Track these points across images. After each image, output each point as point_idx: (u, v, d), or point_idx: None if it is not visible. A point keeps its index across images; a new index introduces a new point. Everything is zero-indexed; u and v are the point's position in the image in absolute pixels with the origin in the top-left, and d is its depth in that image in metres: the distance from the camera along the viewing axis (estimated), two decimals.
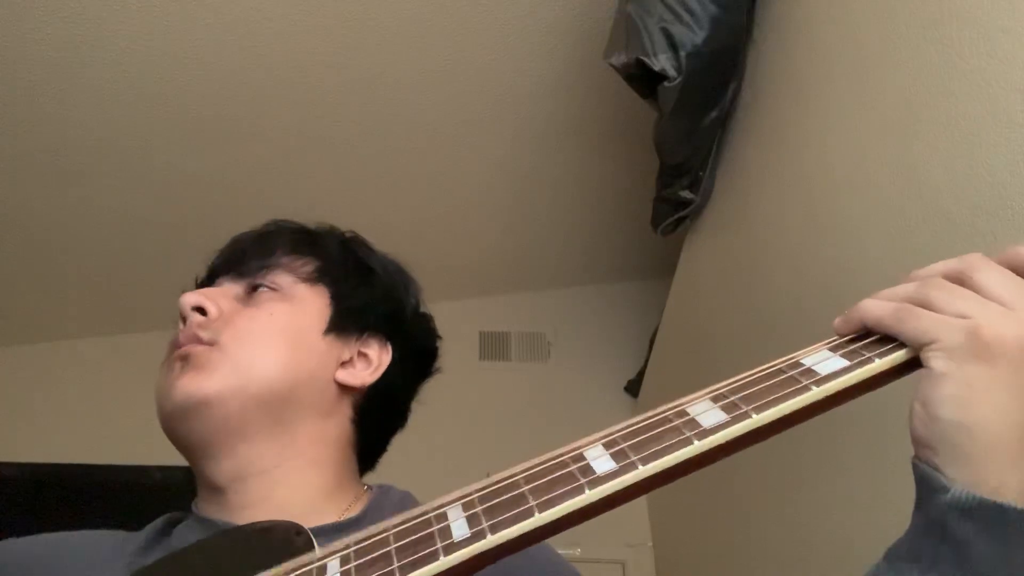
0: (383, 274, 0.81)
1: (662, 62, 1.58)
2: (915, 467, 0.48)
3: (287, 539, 0.54)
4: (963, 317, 0.47)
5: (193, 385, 0.67)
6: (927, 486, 0.46)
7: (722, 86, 1.69)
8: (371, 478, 0.80)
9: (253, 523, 0.59)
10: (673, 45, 1.57)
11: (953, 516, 0.44)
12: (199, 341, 0.69)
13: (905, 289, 0.51)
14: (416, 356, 0.82)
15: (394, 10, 1.91)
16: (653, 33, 1.57)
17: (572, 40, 2.02)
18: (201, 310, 0.71)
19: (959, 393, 0.45)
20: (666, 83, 1.60)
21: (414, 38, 1.99)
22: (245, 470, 0.68)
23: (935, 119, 0.98)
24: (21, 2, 1.79)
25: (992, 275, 0.49)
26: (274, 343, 0.71)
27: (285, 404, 0.70)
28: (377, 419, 0.79)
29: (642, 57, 1.58)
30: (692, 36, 1.57)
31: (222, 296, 0.73)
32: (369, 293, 0.79)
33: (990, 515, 0.44)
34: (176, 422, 0.68)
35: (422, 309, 0.84)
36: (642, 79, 1.65)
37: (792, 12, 1.48)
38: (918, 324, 0.48)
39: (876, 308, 0.50)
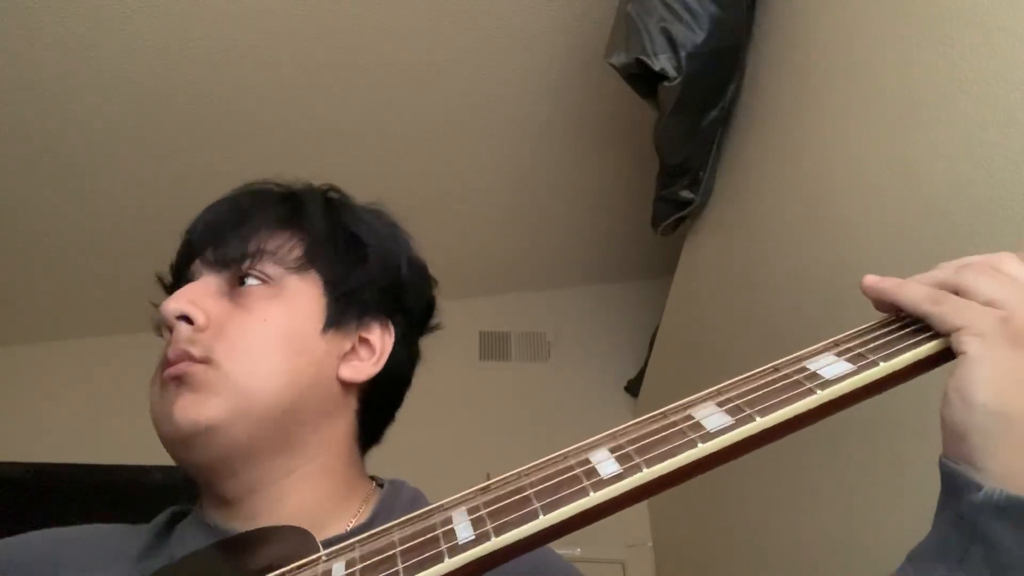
0: (375, 241, 0.74)
1: (662, 62, 1.58)
2: (943, 465, 0.48)
3: (291, 543, 0.54)
4: (994, 305, 0.48)
5: (194, 411, 0.62)
6: (957, 484, 0.46)
7: (722, 86, 1.69)
8: (377, 473, 0.78)
9: (257, 528, 0.58)
10: (673, 45, 1.57)
11: (985, 514, 0.44)
12: (191, 358, 0.63)
13: (938, 274, 0.53)
14: (418, 320, 0.78)
15: (394, 9, 1.91)
16: (653, 33, 1.57)
17: (572, 40, 2.01)
18: (187, 319, 0.65)
19: (995, 377, 0.46)
20: (666, 83, 1.60)
21: (413, 37, 1.98)
22: (254, 484, 0.66)
23: (935, 119, 0.98)
24: (24, 2, 1.79)
25: (1020, 266, 0.51)
26: (272, 354, 0.65)
27: (291, 416, 0.66)
28: (383, 401, 0.76)
29: (642, 57, 1.58)
30: (692, 36, 1.57)
31: (206, 296, 0.67)
32: (364, 271, 0.72)
33: (1023, 512, 0.43)
34: (181, 449, 0.64)
35: (414, 258, 0.78)
36: (642, 79, 1.65)
37: (792, 12, 1.48)
38: (951, 307, 0.49)
39: (912, 290, 0.52)
